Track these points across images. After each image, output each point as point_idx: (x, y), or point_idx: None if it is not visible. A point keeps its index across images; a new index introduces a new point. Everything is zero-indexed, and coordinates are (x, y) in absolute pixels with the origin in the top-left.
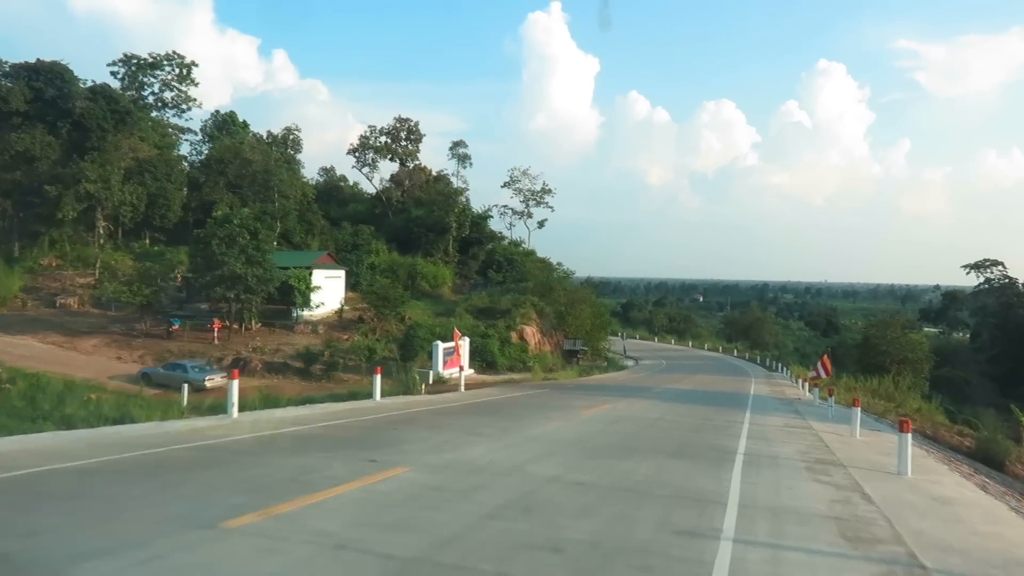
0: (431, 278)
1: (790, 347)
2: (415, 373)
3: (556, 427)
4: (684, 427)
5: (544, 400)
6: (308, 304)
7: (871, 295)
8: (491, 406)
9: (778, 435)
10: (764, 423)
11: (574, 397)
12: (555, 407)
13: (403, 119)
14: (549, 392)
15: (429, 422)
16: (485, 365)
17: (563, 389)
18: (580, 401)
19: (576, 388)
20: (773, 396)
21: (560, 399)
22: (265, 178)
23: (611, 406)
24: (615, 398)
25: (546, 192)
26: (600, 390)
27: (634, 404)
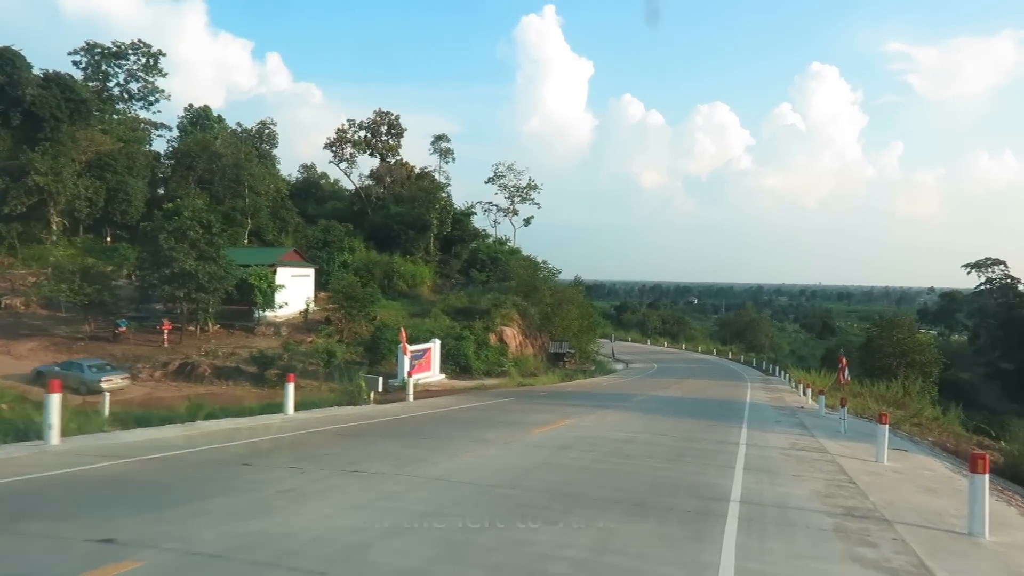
0: (409, 277)
1: (786, 349)
2: (361, 380)
3: (482, 458)
4: (660, 454)
5: (496, 413)
6: (271, 304)
7: (865, 297)
8: (424, 423)
9: (785, 463)
10: (765, 443)
11: (536, 409)
12: (503, 423)
13: (383, 112)
14: (510, 402)
15: (310, 451)
16: (459, 369)
17: (531, 398)
18: (540, 414)
19: (548, 396)
20: (772, 404)
21: (517, 412)
22: (235, 173)
23: (575, 421)
24: (586, 409)
25: (532, 188)
26: (574, 398)
27: (605, 418)
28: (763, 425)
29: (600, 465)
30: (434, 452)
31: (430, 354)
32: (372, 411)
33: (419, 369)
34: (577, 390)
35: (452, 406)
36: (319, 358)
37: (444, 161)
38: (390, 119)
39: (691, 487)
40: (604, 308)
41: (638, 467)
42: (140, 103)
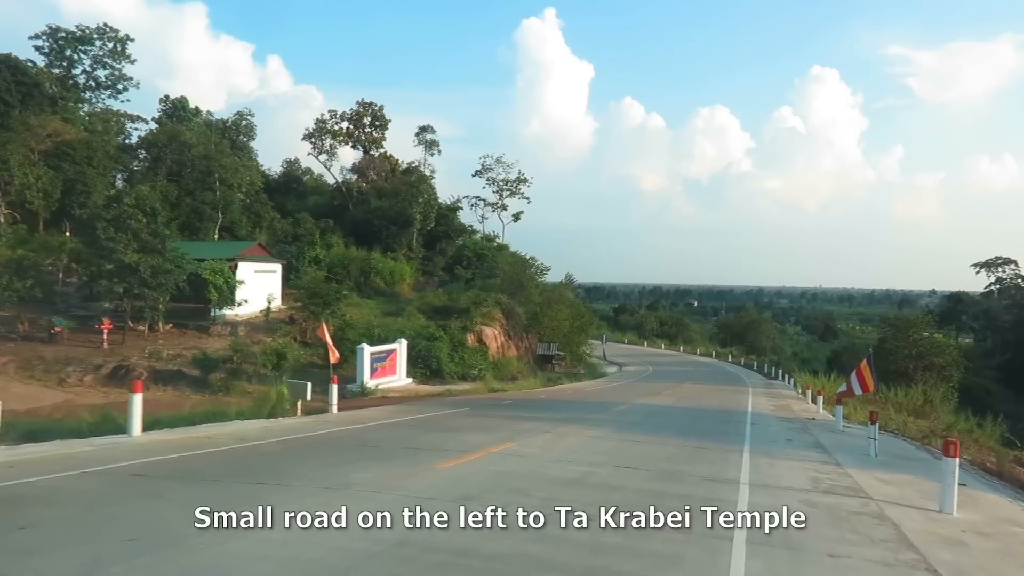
0: (387, 274)
1: (788, 352)
2: (283, 387)
3: (265, 543)
4: (616, 507)
5: (418, 433)
6: (230, 301)
7: (867, 300)
8: (293, 451)
9: (813, 524)
10: (777, 481)
11: (481, 424)
12: (411, 451)
13: (367, 103)
14: (457, 414)
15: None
16: (429, 373)
17: (489, 408)
18: (479, 433)
19: (510, 406)
20: (778, 414)
21: (450, 429)
22: (206, 165)
23: (518, 445)
24: (545, 425)
25: (522, 182)
26: (540, 409)
27: (563, 439)
28: (770, 447)
29: (487, 548)
30: (195, 536)
31: (395, 356)
32: (263, 430)
33: (382, 372)
34: (552, 397)
35: (376, 421)
36: (267, 360)
37: (429, 153)
38: (374, 110)
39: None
40: (603, 310)
41: (556, 556)
42: (108, 91)
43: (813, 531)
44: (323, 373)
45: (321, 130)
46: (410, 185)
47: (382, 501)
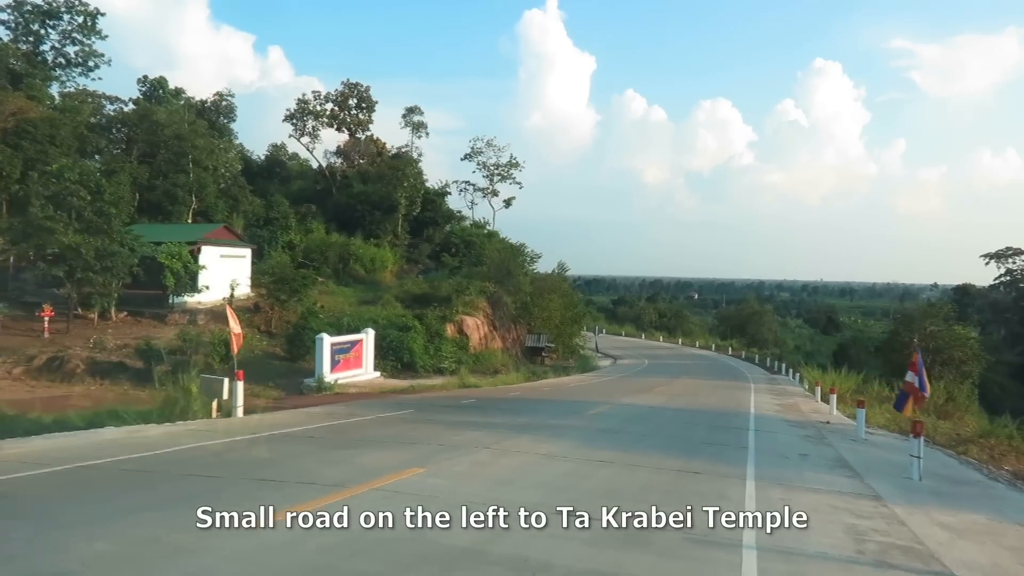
0: (368, 261)
1: (790, 345)
2: (192, 384)
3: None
4: None
5: (306, 452)
6: (190, 288)
7: (868, 293)
8: (58, 487)
9: None
10: (798, 539)
11: (405, 437)
12: (267, 484)
13: (352, 84)
14: (389, 422)
15: None
16: (401, 366)
17: (439, 411)
18: (386, 453)
19: (467, 408)
20: (786, 416)
21: (357, 445)
22: (179, 146)
23: (424, 473)
24: (492, 436)
25: (513, 166)
26: (502, 411)
27: (500, 459)
28: (782, 468)
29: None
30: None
31: (361, 347)
32: (108, 444)
33: (345, 365)
34: (526, 395)
35: (280, 429)
36: (214, 352)
37: (416, 136)
38: (360, 91)
39: None
40: (602, 303)
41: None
42: (79, 69)
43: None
44: (283, 366)
45: (303, 111)
46: (395, 168)
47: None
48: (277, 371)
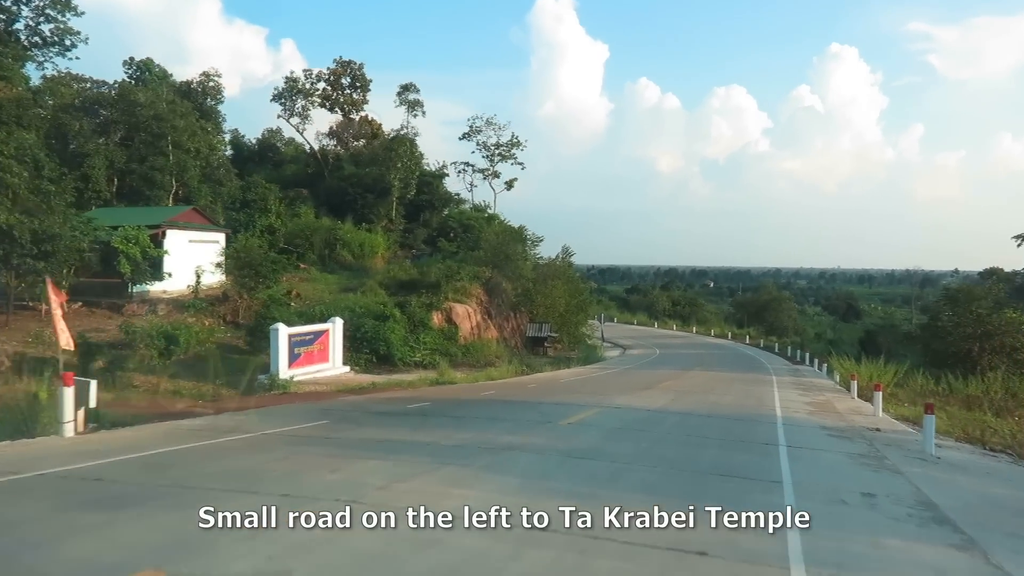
0: (356, 246)
1: (811, 333)
2: (42, 390)
3: None
4: None
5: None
6: (149, 275)
7: (887, 280)
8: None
9: None
10: None
11: (256, 473)
12: None
13: (345, 62)
14: (275, 442)
15: None
16: (377, 359)
17: (372, 420)
18: (142, 525)
19: (411, 415)
20: (822, 421)
21: (116, 503)
22: (158, 127)
23: None
24: (401, 466)
25: (515, 145)
26: (447, 422)
27: (351, 537)
28: (842, 526)
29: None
30: None
31: (327, 339)
32: None
33: (307, 360)
34: (500, 395)
35: (139, 451)
36: (153, 345)
37: (412, 114)
38: (353, 69)
39: None
40: (616, 291)
41: None
42: (55, 48)
43: None
44: (243, 360)
45: (292, 89)
46: (388, 148)
47: None
48: (234, 366)
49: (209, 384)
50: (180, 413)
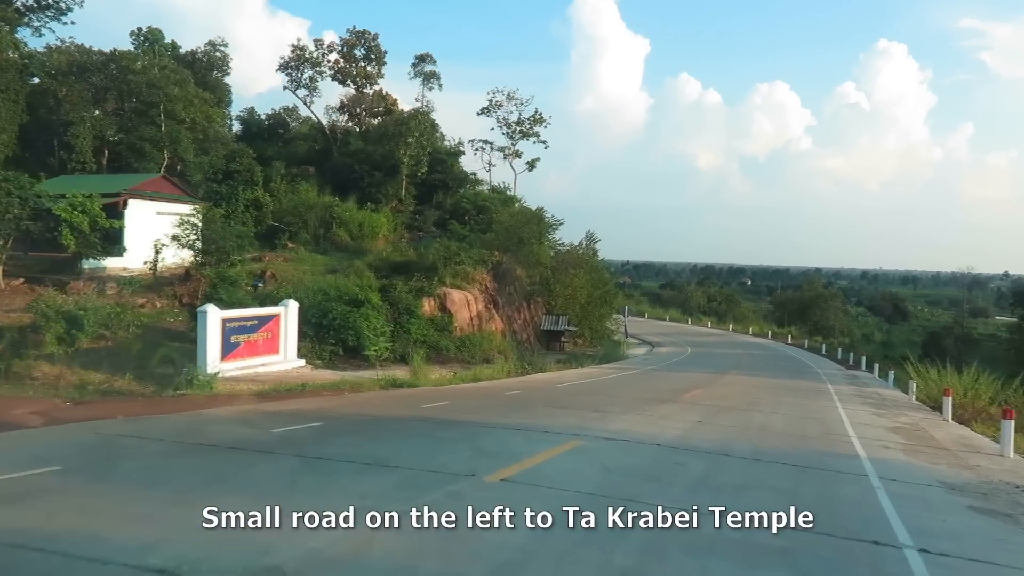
0: (355, 227)
1: (857, 334)
2: None
3: None
4: None
5: None
6: (101, 249)
7: (932, 282)
8: None
9: None
10: None
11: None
12: None
13: (359, 32)
14: None
15: None
16: (345, 351)
17: (207, 452)
18: None
19: (267, 445)
20: (923, 461)
21: None
22: (150, 95)
23: None
24: None
25: (538, 122)
26: (311, 467)
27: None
28: None
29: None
30: None
31: (276, 326)
32: None
33: (249, 351)
34: (451, 409)
35: None
36: (49, 330)
37: (427, 87)
38: (368, 40)
39: None
40: (650, 287)
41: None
42: (51, 12)
43: None
44: (183, 348)
45: (299, 58)
46: (399, 123)
47: None
48: (169, 354)
49: (122, 376)
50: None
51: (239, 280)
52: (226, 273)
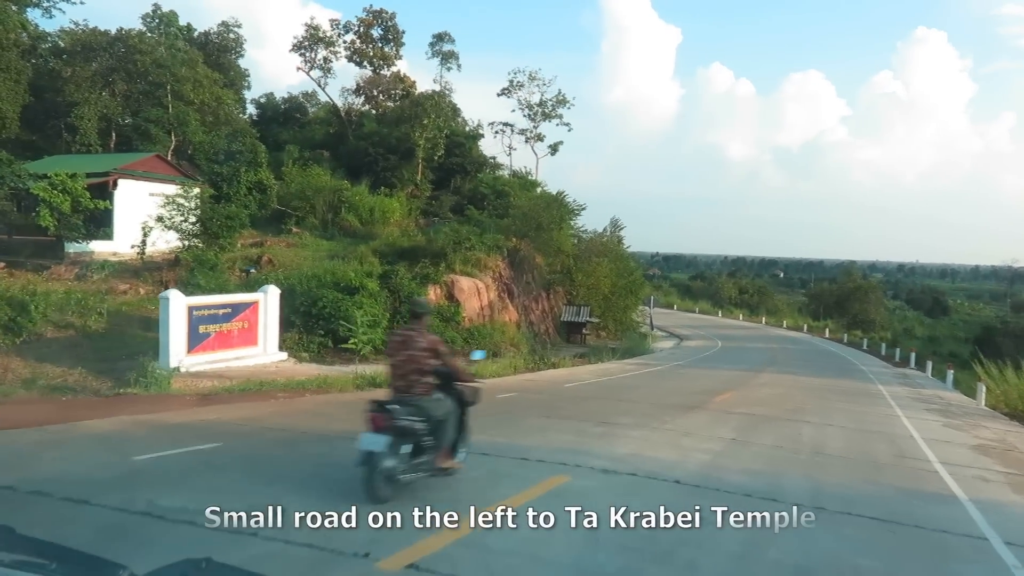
0: (366, 211)
1: (898, 328)
2: None
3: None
4: None
5: None
6: (88, 232)
7: (971, 276)
8: None
9: None
10: None
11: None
12: None
13: (376, 11)
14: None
15: None
16: (334, 343)
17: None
18: None
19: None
20: None
21: None
22: (157, 75)
23: None
24: None
25: (561, 103)
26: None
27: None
28: None
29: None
30: None
31: (254, 314)
32: None
33: (221, 342)
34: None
35: None
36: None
37: (445, 67)
38: (385, 19)
39: None
40: (679, 279)
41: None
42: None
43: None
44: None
45: (313, 38)
46: (415, 103)
47: None
48: (140, 346)
49: (79, 371)
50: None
51: (219, 264)
52: (204, 256)
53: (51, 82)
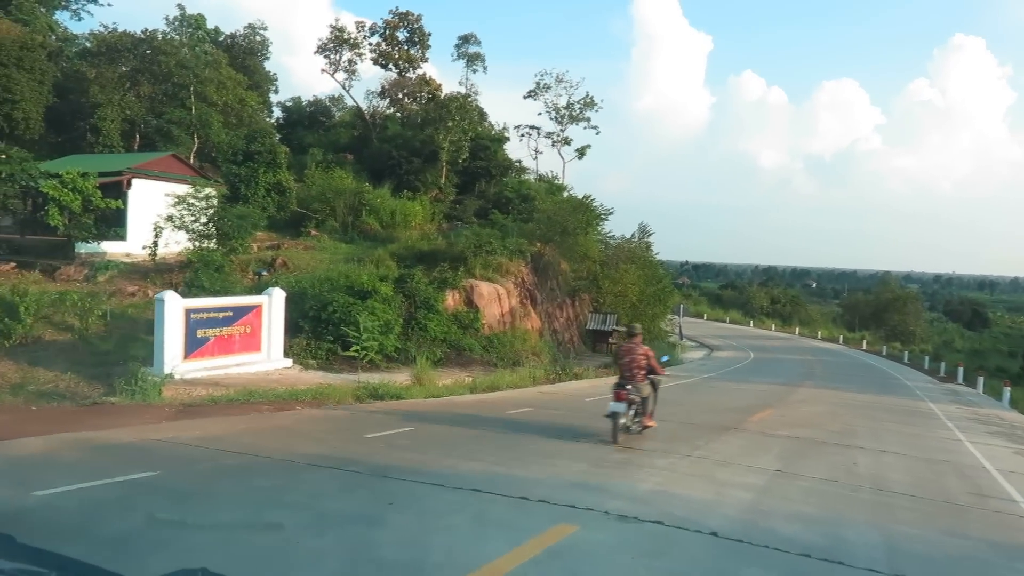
0: (387, 214)
1: (937, 340)
2: None
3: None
4: None
5: None
6: (99, 232)
7: (1011, 287)
8: None
9: None
10: None
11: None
12: None
13: (402, 13)
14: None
15: None
16: (343, 351)
17: None
18: None
19: None
20: None
21: None
22: (181, 76)
23: None
24: None
25: (589, 105)
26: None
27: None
28: None
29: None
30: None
31: (257, 318)
32: None
33: (223, 347)
34: (415, 445)
35: None
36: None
37: (471, 69)
38: (411, 22)
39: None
40: (709, 288)
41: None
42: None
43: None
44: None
45: (338, 40)
46: (439, 105)
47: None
48: (140, 351)
49: (69, 377)
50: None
51: (226, 265)
52: (210, 257)
53: (77, 84)
